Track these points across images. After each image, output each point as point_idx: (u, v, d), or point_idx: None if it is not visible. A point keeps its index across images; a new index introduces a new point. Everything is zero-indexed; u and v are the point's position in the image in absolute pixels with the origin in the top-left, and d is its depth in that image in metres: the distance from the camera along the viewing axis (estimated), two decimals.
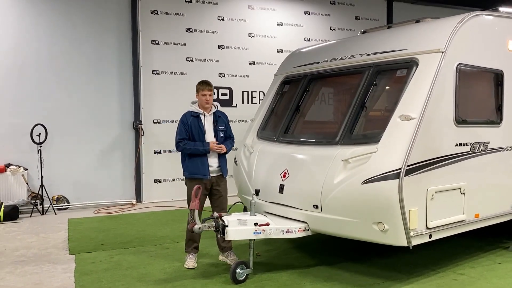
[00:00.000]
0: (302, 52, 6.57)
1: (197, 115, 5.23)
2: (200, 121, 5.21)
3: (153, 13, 9.21)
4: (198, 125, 5.19)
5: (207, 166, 5.15)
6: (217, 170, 5.25)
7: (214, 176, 5.22)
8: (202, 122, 5.21)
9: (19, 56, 8.30)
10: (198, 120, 5.21)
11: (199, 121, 5.21)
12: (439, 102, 4.55)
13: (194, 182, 5.09)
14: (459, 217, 4.78)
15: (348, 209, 4.44)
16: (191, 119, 5.21)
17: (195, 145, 5.14)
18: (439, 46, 4.60)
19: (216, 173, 5.24)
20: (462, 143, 4.81)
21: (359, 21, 11.19)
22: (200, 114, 5.24)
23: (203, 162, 5.14)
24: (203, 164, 5.14)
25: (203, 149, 5.11)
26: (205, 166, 5.14)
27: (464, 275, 4.86)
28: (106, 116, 8.95)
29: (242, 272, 4.67)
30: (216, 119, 5.33)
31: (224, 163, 5.30)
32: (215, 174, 5.23)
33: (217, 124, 5.31)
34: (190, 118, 5.21)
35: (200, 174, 5.13)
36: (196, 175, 5.14)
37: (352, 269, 5.05)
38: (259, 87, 10.06)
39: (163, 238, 6.46)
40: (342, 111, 5.41)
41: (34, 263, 5.37)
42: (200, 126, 5.19)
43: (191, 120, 5.20)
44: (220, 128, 5.32)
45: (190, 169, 5.19)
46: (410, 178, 4.25)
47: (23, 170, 8.16)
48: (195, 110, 5.25)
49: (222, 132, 5.32)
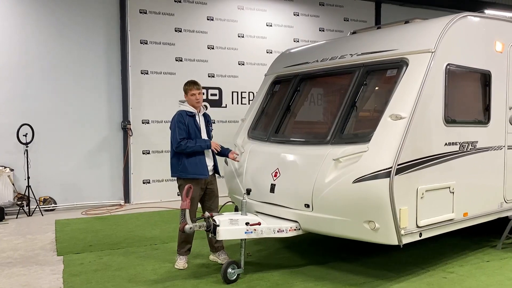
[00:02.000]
0: (292, 52, 6.58)
1: (193, 115, 5.20)
2: (195, 120, 5.19)
3: (142, 13, 9.15)
4: (195, 125, 5.16)
5: (206, 165, 5.13)
6: (212, 169, 5.25)
7: (211, 175, 5.24)
8: (197, 122, 5.20)
9: (5, 55, 8.17)
10: (194, 120, 5.19)
11: (195, 120, 5.19)
12: (428, 102, 4.59)
13: (192, 182, 4.99)
14: (448, 215, 4.82)
15: (339, 208, 4.45)
16: (187, 118, 5.16)
17: (197, 142, 5.08)
18: (429, 46, 4.64)
19: (211, 172, 5.24)
20: (451, 143, 4.86)
21: (348, 23, 11.25)
22: (195, 114, 5.22)
23: (201, 161, 5.10)
24: (202, 163, 5.10)
25: (205, 145, 5.09)
26: (204, 165, 5.12)
27: (453, 273, 4.91)
28: (94, 116, 8.85)
29: (233, 272, 4.65)
30: (207, 119, 5.39)
31: (216, 162, 5.33)
32: (211, 173, 5.24)
33: (208, 124, 5.38)
34: (186, 117, 5.16)
35: (200, 174, 5.09)
36: (197, 175, 5.08)
37: (343, 268, 5.07)
38: (249, 88, 10.05)
39: (152, 239, 6.41)
40: (332, 110, 5.43)
41: (21, 265, 5.28)
42: (197, 126, 5.17)
43: (188, 120, 5.15)
44: (210, 128, 5.39)
45: (189, 170, 5.08)
46: (401, 177, 4.28)
47: (9, 170, 8.03)
48: (191, 110, 5.20)
49: (211, 132, 5.40)
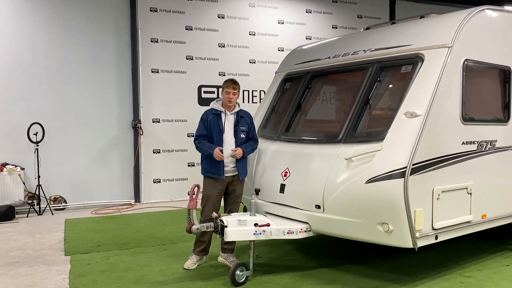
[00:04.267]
0: (303, 49, 6.44)
1: (218, 113, 5.05)
2: (220, 119, 5.02)
3: (153, 11, 9.08)
4: (218, 124, 5.01)
5: (222, 165, 4.97)
6: (233, 170, 5.06)
7: (230, 176, 5.06)
8: (222, 121, 5.02)
9: (16, 54, 8.17)
10: (218, 119, 5.03)
11: (219, 119, 5.02)
12: (445, 99, 4.41)
13: (209, 180, 4.99)
14: (465, 217, 4.63)
15: (352, 209, 4.29)
16: (211, 116, 5.04)
17: (204, 145, 4.98)
18: (445, 41, 4.45)
19: (231, 173, 5.06)
20: (469, 142, 4.67)
21: (362, 20, 11.05)
22: (221, 112, 5.05)
23: (217, 161, 4.95)
24: (218, 163, 4.95)
25: (209, 152, 4.93)
26: (220, 165, 4.96)
27: (471, 277, 4.72)
28: (104, 115, 8.82)
29: (242, 274, 4.53)
30: (238, 119, 5.10)
31: (242, 165, 5.09)
32: (231, 174, 5.06)
33: (238, 124, 5.09)
34: (210, 115, 5.04)
35: (214, 174, 4.98)
36: (211, 174, 5.00)
37: (355, 271, 4.91)
38: (260, 86, 9.93)
39: (161, 239, 6.32)
40: (345, 108, 5.27)
41: (28, 265, 5.23)
42: (220, 125, 5.01)
43: (211, 118, 5.03)
44: (241, 129, 5.09)
45: (205, 168, 5.06)
46: (416, 177, 4.11)
47: (19, 169, 8.03)
48: (217, 108, 5.07)
49: (243, 133, 5.10)
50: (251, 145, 5.17)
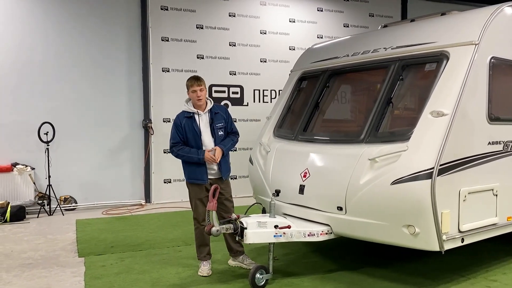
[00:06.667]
0: (320, 47, 6.31)
1: (190, 115, 4.80)
2: (194, 121, 4.77)
3: (163, 9, 8.98)
4: (193, 127, 4.76)
5: (205, 170, 4.78)
6: (218, 172, 4.87)
7: (215, 179, 4.85)
8: (196, 123, 4.76)
9: (27, 53, 8.09)
10: (193, 121, 4.77)
11: (193, 122, 4.77)
12: (471, 98, 4.27)
13: (194, 186, 4.84)
14: (491, 220, 4.49)
15: (376, 211, 4.17)
16: (184, 120, 4.77)
17: (189, 151, 4.74)
18: (472, 38, 4.32)
19: (216, 176, 4.87)
20: (495, 142, 4.53)
21: (373, 18, 10.91)
22: (194, 114, 4.79)
23: (199, 166, 4.76)
24: (200, 168, 4.76)
25: (197, 158, 4.71)
26: (203, 170, 4.77)
27: (496, 281, 4.58)
28: (115, 115, 8.72)
29: (262, 277, 4.41)
30: (212, 116, 4.84)
31: (224, 163, 4.86)
32: (215, 176, 4.87)
33: (214, 122, 4.83)
34: (183, 119, 4.78)
35: (197, 180, 4.80)
36: (194, 180, 4.82)
37: (376, 274, 4.78)
38: (271, 86, 9.81)
39: (174, 240, 6.21)
40: (366, 107, 5.13)
41: (42, 266, 5.14)
42: (195, 128, 4.76)
43: (185, 122, 4.77)
44: (217, 126, 4.84)
45: (188, 174, 4.87)
46: (443, 178, 3.98)
47: (30, 169, 7.95)
48: (189, 110, 4.80)
49: (220, 130, 4.86)
50: (230, 140, 4.92)
